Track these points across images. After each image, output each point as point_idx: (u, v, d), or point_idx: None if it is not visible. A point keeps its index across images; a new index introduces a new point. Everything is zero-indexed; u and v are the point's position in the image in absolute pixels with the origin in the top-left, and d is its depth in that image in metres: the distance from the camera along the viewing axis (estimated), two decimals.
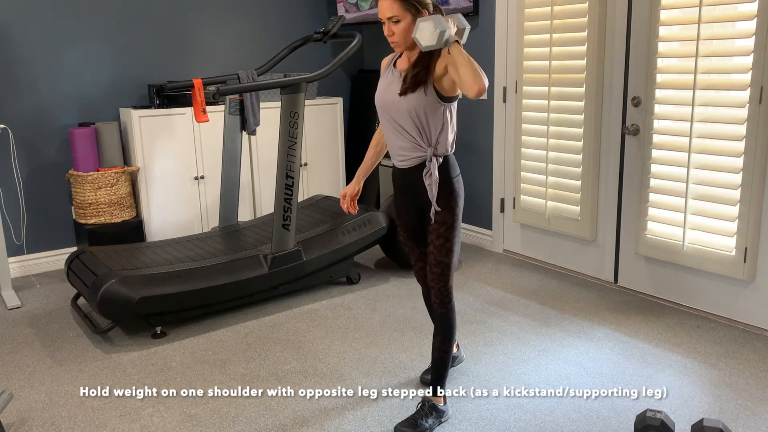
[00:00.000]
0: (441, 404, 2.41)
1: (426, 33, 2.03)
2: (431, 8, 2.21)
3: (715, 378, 2.70)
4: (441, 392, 2.42)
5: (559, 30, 3.71)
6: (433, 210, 2.26)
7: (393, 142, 2.31)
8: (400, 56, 2.32)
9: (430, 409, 2.37)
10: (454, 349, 2.68)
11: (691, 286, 3.38)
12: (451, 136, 2.29)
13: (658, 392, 2.60)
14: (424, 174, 2.26)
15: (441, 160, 2.27)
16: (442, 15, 2.19)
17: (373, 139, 2.55)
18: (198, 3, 4.58)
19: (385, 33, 2.20)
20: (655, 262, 3.52)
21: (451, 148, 2.31)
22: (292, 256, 3.51)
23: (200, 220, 4.45)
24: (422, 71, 2.18)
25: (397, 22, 2.15)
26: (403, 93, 2.20)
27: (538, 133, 3.95)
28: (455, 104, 2.29)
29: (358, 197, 2.60)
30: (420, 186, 2.29)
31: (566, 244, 4.00)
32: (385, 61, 2.40)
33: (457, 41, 2.07)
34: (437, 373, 2.41)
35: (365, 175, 2.57)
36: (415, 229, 2.42)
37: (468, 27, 2.16)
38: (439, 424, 2.40)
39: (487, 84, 2.02)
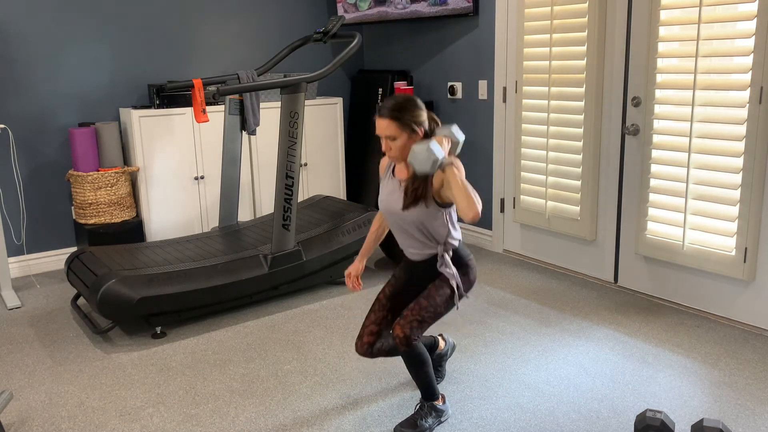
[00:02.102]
0: (440, 404, 2.41)
1: (419, 159, 2.11)
2: (427, 125, 2.28)
3: (715, 378, 2.71)
4: (433, 398, 2.42)
5: (559, 30, 3.71)
6: (447, 284, 2.35)
7: (403, 240, 2.41)
8: (395, 165, 2.40)
9: (429, 409, 2.37)
10: (441, 344, 2.68)
11: (691, 286, 3.38)
12: (455, 232, 2.37)
13: (658, 392, 2.60)
14: (439, 266, 2.34)
15: (452, 253, 2.37)
16: (438, 125, 2.30)
17: (373, 223, 2.59)
18: (198, 3, 4.58)
19: (383, 148, 2.27)
20: (655, 262, 3.53)
21: (458, 233, 2.39)
22: (292, 256, 3.51)
23: (200, 220, 4.45)
24: (421, 186, 2.26)
25: (394, 139, 2.23)
26: (405, 208, 2.28)
27: (538, 133, 3.95)
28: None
29: (361, 275, 2.66)
30: (429, 273, 2.38)
31: (566, 244, 4.00)
32: (384, 163, 2.46)
33: (451, 163, 2.13)
34: (425, 392, 2.39)
35: (368, 255, 2.61)
36: (403, 297, 2.48)
37: (462, 140, 2.28)
38: (438, 424, 2.40)
39: (480, 209, 2.09)
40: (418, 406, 2.41)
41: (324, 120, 4.87)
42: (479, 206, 2.09)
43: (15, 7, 3.96)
